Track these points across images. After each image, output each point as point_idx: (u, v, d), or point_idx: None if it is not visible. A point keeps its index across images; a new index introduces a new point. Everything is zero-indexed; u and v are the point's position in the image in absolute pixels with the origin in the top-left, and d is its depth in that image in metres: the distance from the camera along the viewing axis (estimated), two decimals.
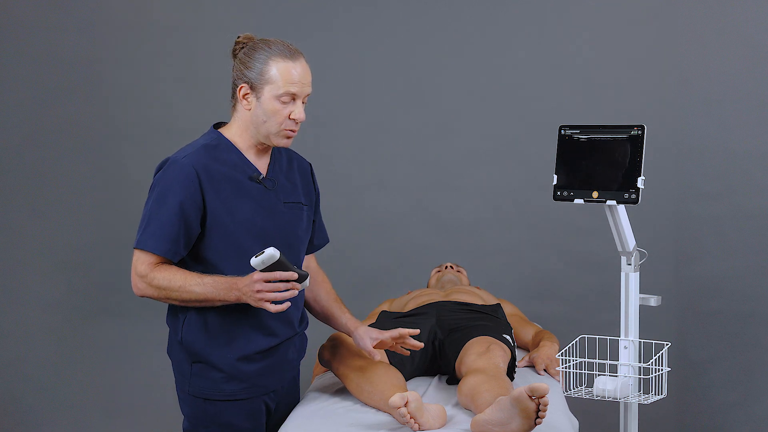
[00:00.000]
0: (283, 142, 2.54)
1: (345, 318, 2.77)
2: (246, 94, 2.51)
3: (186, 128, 4.36)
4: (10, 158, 4.48)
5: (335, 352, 2.79)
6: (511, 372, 2.88)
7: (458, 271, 3.77)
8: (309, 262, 2.83)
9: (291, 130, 2.52)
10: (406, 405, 2.34)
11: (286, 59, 2.48)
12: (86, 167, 4.47)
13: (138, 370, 4.47)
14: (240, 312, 2.53)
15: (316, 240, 2.81)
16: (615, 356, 2.65)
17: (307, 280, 2.43)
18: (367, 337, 2.69)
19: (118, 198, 4.45)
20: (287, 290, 2.38)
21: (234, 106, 2.57)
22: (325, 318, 2.81)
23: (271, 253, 2.34)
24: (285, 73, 2.47)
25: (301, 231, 2.66)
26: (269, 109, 2.49)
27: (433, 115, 4.43)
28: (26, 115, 4.47)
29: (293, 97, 2.49)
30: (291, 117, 2.50)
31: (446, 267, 3.79)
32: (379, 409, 2.58)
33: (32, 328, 4.48)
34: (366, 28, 4.44)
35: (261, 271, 2.36)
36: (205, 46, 4.44)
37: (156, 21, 4.47)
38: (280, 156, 2.68)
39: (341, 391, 2.80)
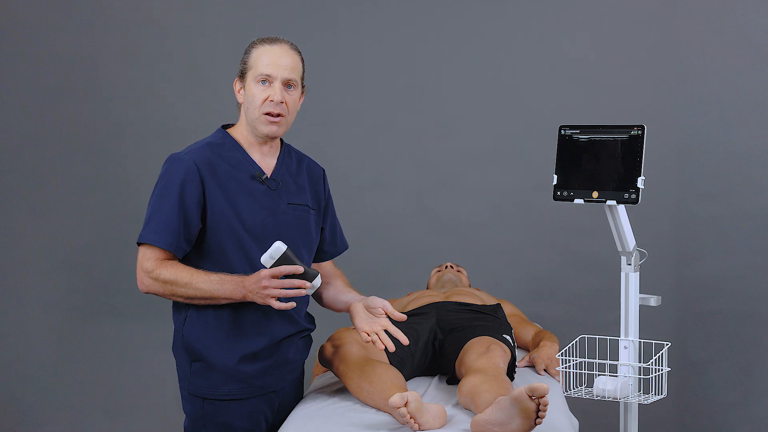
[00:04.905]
0: (266, 129, 2.55)
1: (350, 295, 2.70)
2: (240, 88, 2.58)
3: (186, 128, 4.39)
4: (10, 158, 4.48)
5: (335, 352, 2.78)
6: (511, 372, 2.88)
7: (458, 271, 3.77)
8: (325, 265, 2.81)
9: (270, 114, 2.53)
10: (406, 405, 2.34)
11: (264, 43, 2.56)
12: (86, 167, 4.47)
13: (138, 370, 4.47)
14: (240, 311, 2.53)
15: (327, 246, 2.79)
16: (615, 356, 2.65)
17: (318, 280, 2.41)
18: (356, 315, 2.61)
19: (118, 198, 4.45)
20: (295, 289, 2.38)
21: (239, 108, 2.62)
22: (333, 298, 2.74)
23: (278, 246, 2.36)
24: (261, 55, 2.54)
25: (305, 233, 2.65)
26: (250, 94, 2.54)
27: (433, 115, 4.43)
28: (26, 115, 4.47)
29: (269, 80, 2.52)
30: (269, 99, 2.52)
31: (446, 267, 3.79)
32: (379, 409, 2.58)
33: (32, 328, 4.48)
34: (366, 29, 4.44)
35: (269, 267, 2.37)
36: (206, 45, 4.44)
37: (156, 21, 4.47)
38: (290, 158, 2.68)
39: (341, 391, 2.80)
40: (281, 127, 2.57)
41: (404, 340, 2.56)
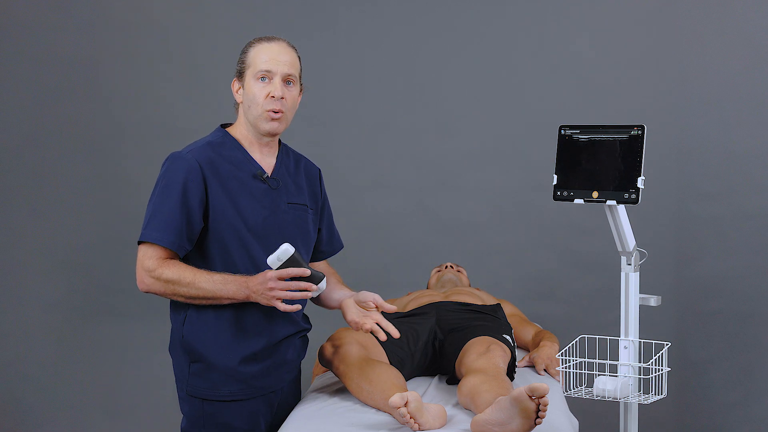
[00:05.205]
0: (268, 126, 2.56)
1: (342, 292, 2.70)
2: (238, 88, 2.59)
3: (186, 128, 4.38)
4: (10, 158, 4.48)
5: (335, 352, 2.78)
6: (511, 372, 2.88)
7: (458, 271, 3.77)
8: (320, 264, 2.83)
9: (273, 111, 2.53)
10: (405, 405, 2.34)
11: (262, 41, 2.57)
12: (86, 167, 4.48)
13: (138, 370, 4.47)
14: (242, 311, 2.53)
15: (325, 246, 2.80)
16: (615, 356, 2.65)
17: (323, 283, 2.42)
18: (348, 310, 2.61)
19: (118, 198, 4.45)
20: (301, 291, 2.39)
21: (237, 107, 2.62)
22: (326, 296, 2.73)
23: (286, 248, 2.35)
24: (260, 53, 2.55)
25: (305, 232, 2.66)
26: (250, 92, 2.54)
27: (433, 115, 4.44)
28: (26, 115, 4.47)
29: (269, 76, 2.53)
30: (270, 95, 2.52)
31: (446, 267, 3.79)
32: (379, 409, 2.58)
33: (32, 328, 4.48)
34: (366, 29, 4.45)
35: (276, 269, 2.37)
36: (206, 45, 4.45)
37: (156, 21, 4.47)
38: (288, 158, 2.69)
39: (341, 391, 2.80)
40: (282, 124, 2.57)
41: (395, 333, 2.56)
